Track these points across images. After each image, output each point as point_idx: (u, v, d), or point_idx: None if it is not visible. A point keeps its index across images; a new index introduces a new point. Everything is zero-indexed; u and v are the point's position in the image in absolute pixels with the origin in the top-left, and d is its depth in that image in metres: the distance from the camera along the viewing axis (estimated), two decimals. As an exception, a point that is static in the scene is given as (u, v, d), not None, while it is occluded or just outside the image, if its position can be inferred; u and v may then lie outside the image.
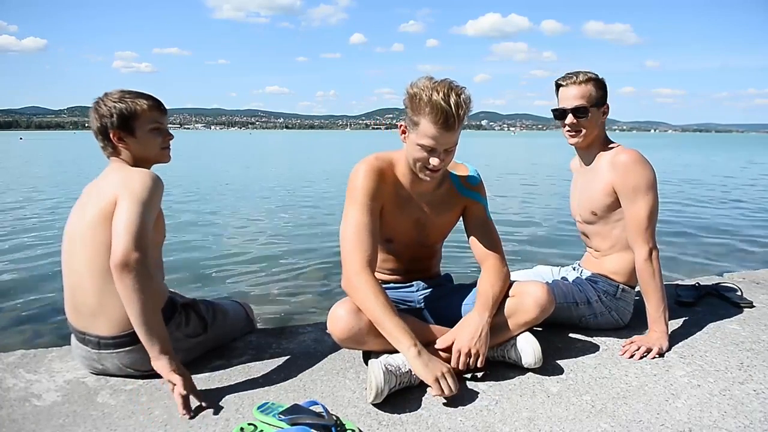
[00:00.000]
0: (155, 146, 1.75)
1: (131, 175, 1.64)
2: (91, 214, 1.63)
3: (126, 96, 1.71)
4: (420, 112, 1.62)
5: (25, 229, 6.64)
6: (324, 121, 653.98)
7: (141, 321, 1.52)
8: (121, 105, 1.69)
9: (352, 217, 1.73)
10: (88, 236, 1.63)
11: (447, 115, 1.60)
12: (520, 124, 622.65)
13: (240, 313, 2.11)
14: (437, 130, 1.62)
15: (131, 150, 1.73)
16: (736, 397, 1.62)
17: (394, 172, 1.82)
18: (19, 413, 1.55)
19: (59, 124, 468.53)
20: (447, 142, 1.66)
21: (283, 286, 4.22)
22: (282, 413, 1.46)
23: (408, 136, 1.71)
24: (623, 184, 1.98)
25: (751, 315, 2.33)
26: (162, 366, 1.55)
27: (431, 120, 1.61)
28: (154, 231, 1.66)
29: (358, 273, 1.67)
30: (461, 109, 1.62)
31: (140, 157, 1.74)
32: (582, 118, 2.02)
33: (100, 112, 1.69)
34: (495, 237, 1.92)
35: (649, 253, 1.95)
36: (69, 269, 1.70)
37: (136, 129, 1.70)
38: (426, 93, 1.61)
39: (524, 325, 1.79)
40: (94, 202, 1.65)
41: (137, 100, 1.71)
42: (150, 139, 1.73)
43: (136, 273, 1.48)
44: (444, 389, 1.56)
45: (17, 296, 3.87)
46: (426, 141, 1.64)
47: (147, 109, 1.71)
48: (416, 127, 1.65)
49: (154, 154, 1.76)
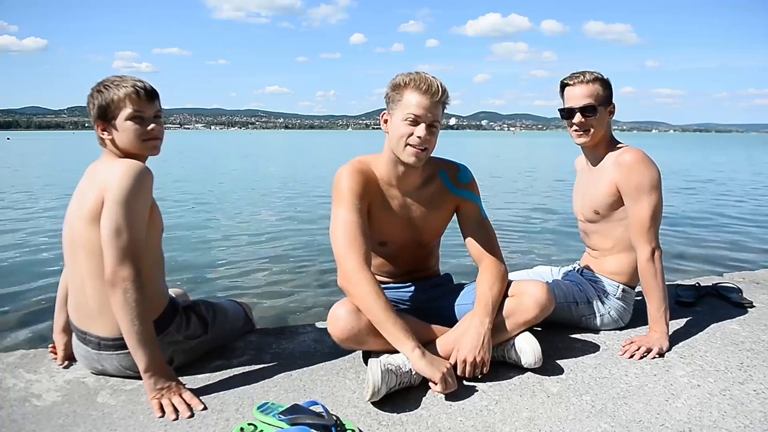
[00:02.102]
0: (133, 137, 1.62)
1: (114, 168, 1.56)
2: (84, 214, 1.59)
3: (107, 83, 1.62)
4: (403, 88, 1.70)
5: (25, 228, 6.64)
6: (324, 121, 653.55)
7: (130, 335, 1.51)
8: (98, 94, 1.61)
9: (341, 217, 1.73)
10: (84, 238, 1.60)
11: (430, 83, 1.68)
12: (520, 124, 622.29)
13: (239, 313, 2.10)
14: (421, 95, 1.68)
15: (114, 141, 1.64)
16: (736, 397, 1.62)
17: (377, 174, 1.83)
18: (19, 413, 1.55)
19: (59, 124, 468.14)
20: (432, 113, 1.69)
21: (283, 286, 4.23)
22: (282, 413, 1.46)
23: (391, 120, 1.75)
24: (627, 183, 1.98)
25: (751, 315, 2.33)
26: (149, 383, 1.54)
27: (415, 88, 1.68)
28: (149, 225, 1.61)
29: (356, 271, 1.66)
30: (442, 85, 1.71)
31: (123, 149, 1.64)
32: (590, 116, 2.02)
33: (89, 103, 1.64)
34: (491, 236, 1.91)
35: (652, 253, 1.95)
36: (72, 269, 1.69)
37: (115, 119, 1.60)
38: (406, 75, 1.72)
39: (524, 324, 1.79)
40: (88, 199, 1.59)
41: (116, 88, 1.59)
42: (127, 129, 1.61)
43: (124, 290, 1.48)
44: (448, 387, 1.61)
45: (17, 296, 3.87)
46: (411, 109, 1.68)
47: (122, 97, 1.59)
48: (399, 103, 1.71)
49: (132, 146, 1.63)
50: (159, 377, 1.55)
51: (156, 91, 1.67)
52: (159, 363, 1.56)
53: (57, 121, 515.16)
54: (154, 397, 1.54)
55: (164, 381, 1.56)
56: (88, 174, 1.70)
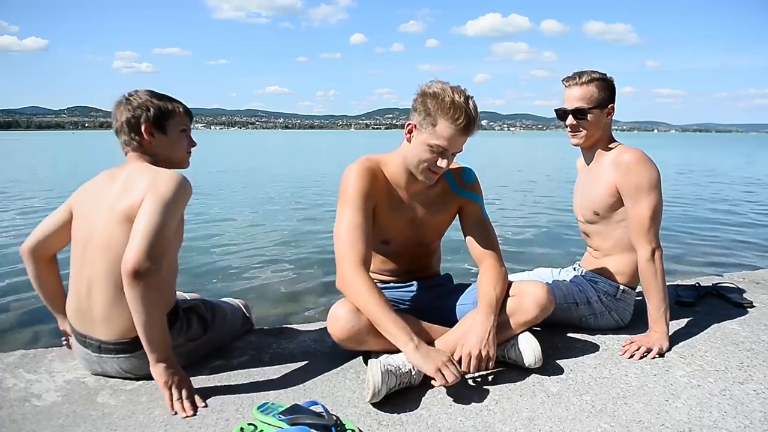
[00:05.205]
0: (182, 148, 1.77)
1: (161, 175, 1.61)
2: (117, 214, 1.58)
3: (160, 95, 1.73)
4: (440, 112, 1.62)
5: (26, 228, 6.65)
6: (324, 121, 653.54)
7: (144, 329, 1.52)
8: (158, 102, 1.70)
9: (346, 217, 1.73)
10: (108, 237, 1.59)
11: (469, 119, 1.63)
12: (520, 124, 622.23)
13: (239, 313, 2.10)
14: (456, 131, 1.63)
15: (157, 148, 1.70)
16: (736, 397, 1.62)
17: (386, 174, 1.82)
18: (19, 413, 1.55)
19: (59, 124, 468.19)
20: (459, 145, 1.67)
21: (283, 286, 4.23)
22: (282, 413, 1.46)
23: (417, 136, 1.70)
24: (626, 183, 1.98)
25: (751, 315, 2.33)
26: (158, 373, 1.56)
27: (452, 121, 1.61)
28: (174, 235, 1.64)
29: (352, 271, 1.67)
30: (478, 116, 1.66)
31: (164, 157, 1.72)
32: (581, 119, 2.02)
33: (134, 104, 1.67)
34: (492, 237, 1.91)
35: (652, 253, 1.95)
36: (78, 274, 1.66)
37: (169, 128, 1.71)
38: (448, 94, 1.62)
39: (524, 324, 1.79)
40: (124, 201, 1.59)
41: (175, 102, 1.75)
42: (179, 140, 1.75)
43: (145, 283, 1.46)
44: (447, 378, 1.55)
45: (17, 296, 3.87)
46: (440, 142, 1.64)
47: (182, 112, 1.75)
48: (432, 128, 1.64)
49: (179, 156, 1.77)
50: (168, 367, 1.57)
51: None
52: (170, 358, 1.58)
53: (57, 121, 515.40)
54: (165, 384, 1.56)
55: (173, 372, 1.57)
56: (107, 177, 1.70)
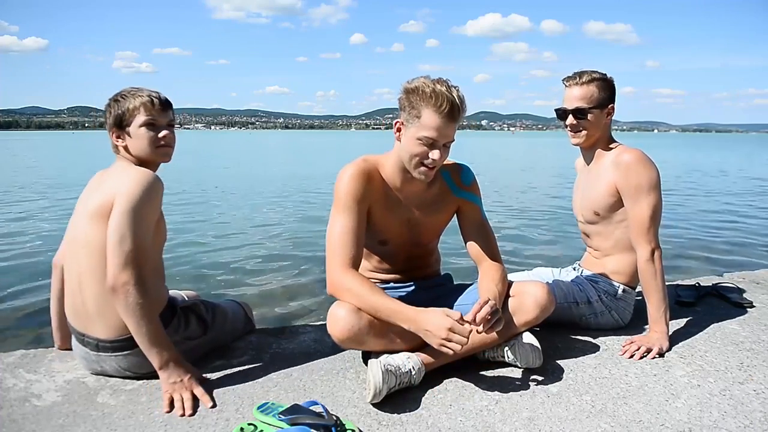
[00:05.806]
0: (146, 143, 1.68)
1: (129, 175, 1.61)
2: (90, 215, 1.62)
3: (124, 94, 1.69)
4: (423, 103, 1.62)
5: (25, 227, 6.64)
6: (324, 121, 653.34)
7: (139, 336, 1.55)
8: (115, 104, 1.68)
9: (338, 221, 1.73)
10: (87, 239, 1.62)
11: (452, 105, 1.61)
12: (520, 124, 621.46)
13: (239, 313, 2.10)
14: (441, 119, 1.61)
15: (129, 149, 1.70)
16: (736, 397, 1.62)
17: (382, 174, 1.81)
18: (19, 413, 1.55)
19: (59, 124, 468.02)
20: (448, 135, 1.66)
21: (283, 286, 4.23)
22: (282, 413, 1.46)
23: (405, 132, 1.70)
24: (626, 183, 1.98)
25: (751, 315, 2.33)
26: (163, 377, 1.58)
27: (435, 109, 1.61)
28: (155, 234, 1.65)
29: (340, 274, 1.67)
30: (463, 102, 1.64)
31: (136, 156, 1.70)
32: (581, 119, 2.02)
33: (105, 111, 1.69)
34: (491, 238, 1.91)
35: (652, 253, 1.95)
36: (70, 272, 1.70)
37: (129, 126, 1.67)
38: (428, 86, 1.63)
39: (524, 325, 1.78)
40: (94, 199, 1.63)
41: (132, 97, 1.67)
42: (141, 135, 1.67)
43: (126, 294, 1.50)
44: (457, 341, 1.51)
45: (17, 296, 3.87)
46: (428, 132, 1.63)
47: (137, 106, 1.66)
48: (417, 120, 1.64)
49: (146, 153, 1.69)
50: (171, 372, 1.58)
51: (170, 101, 1.75)
52: (171, 358, 1.59)
53: (57, 121, 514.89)
54: (166, 391, 1.58)
55: (177, 376, 1.59)
56: (97, 178, 1.74)
